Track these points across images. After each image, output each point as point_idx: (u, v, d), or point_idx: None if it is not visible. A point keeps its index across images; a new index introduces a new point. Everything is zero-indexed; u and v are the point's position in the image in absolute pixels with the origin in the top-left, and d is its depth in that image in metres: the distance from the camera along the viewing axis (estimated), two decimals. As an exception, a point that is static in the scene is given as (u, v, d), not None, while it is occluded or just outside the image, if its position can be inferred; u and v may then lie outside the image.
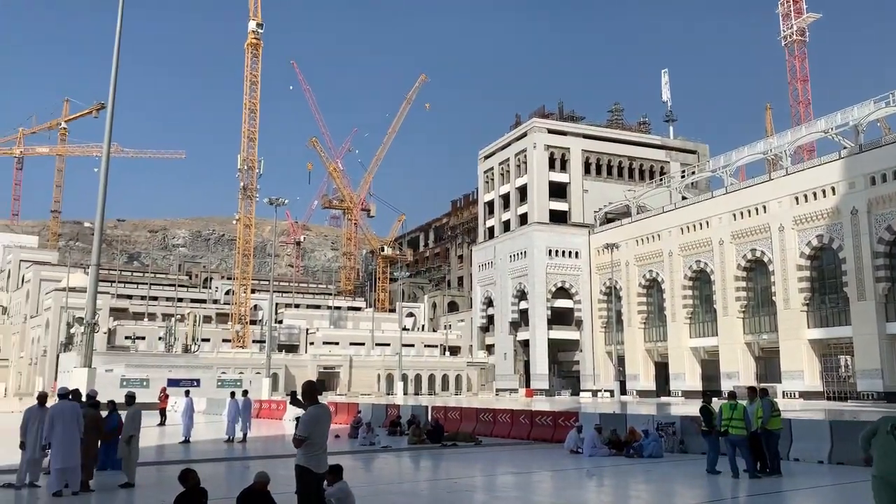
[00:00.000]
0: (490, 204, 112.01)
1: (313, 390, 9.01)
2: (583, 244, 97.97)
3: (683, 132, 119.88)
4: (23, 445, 13.71)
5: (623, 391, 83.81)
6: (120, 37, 31.42)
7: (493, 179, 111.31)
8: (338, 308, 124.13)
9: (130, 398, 15.05)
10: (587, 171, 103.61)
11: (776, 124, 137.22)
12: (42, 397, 14.14)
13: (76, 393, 14.80)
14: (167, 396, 36.52)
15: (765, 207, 73.68)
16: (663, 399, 78.44)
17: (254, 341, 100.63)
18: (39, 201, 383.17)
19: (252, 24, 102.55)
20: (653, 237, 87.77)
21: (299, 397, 8.93)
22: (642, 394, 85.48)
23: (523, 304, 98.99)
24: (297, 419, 9.05)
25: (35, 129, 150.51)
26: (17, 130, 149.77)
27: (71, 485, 12.92)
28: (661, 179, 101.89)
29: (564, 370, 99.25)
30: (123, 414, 14.95)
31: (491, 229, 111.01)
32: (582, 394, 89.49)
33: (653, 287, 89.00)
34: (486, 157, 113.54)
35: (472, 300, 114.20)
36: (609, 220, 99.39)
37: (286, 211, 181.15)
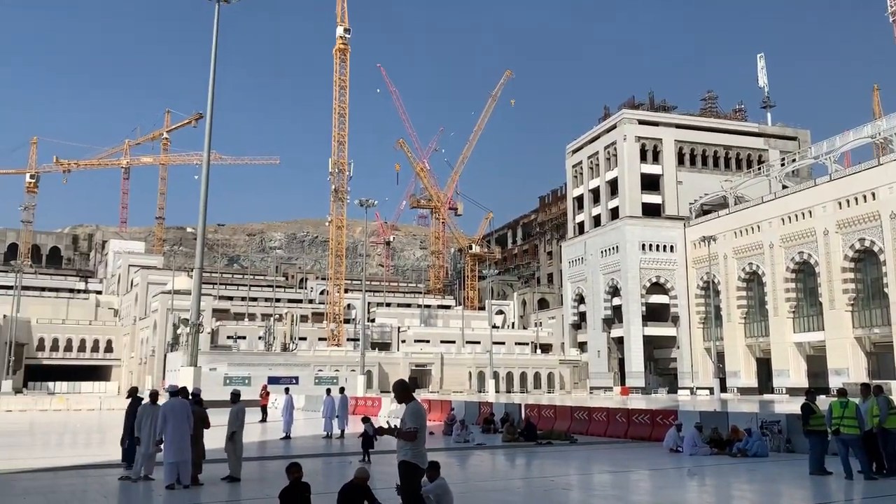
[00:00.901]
0: (579, 199, 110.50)
1: (406, 388, 8.88)
2: (678, 237, 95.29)
3: (782, 118, 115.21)
4: (138, 441, 14.50)
5: (723, 389, 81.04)
6: (216, 54, 32.74)
7: (581, 174, 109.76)
8: (428, 306, 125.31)
9: (236, 396, 15.62)
10: (681, 161, 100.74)
11: (885, 106, 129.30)
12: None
13: (185, 391, 15.50)
14: (268, 394, 37.79)
15: (874, 194, 69.58)
16: (766, 396, 75.34)
17: (348, 339, 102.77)
18: (145, 209, 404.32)
19: (340, 30, 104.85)
20: (752, 229, 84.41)
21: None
22: (743, 391, 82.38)
23: (616, 301, 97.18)
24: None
25: (140, 140, 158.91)
26: (124, 142, 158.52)
27: (182, 478, 13.55)
28: (759, 168, 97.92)
29: (661, 367, 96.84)
30: (228, 411, 15.53)
31: (581, 225, 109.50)
32: (679, 391, 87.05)
33: (753, 280, 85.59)
34: (574, 152, 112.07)
35: (563, 297, 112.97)
36: (705, 212, 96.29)
37: (376, 212, 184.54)
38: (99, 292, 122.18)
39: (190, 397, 15.23)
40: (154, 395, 14.77)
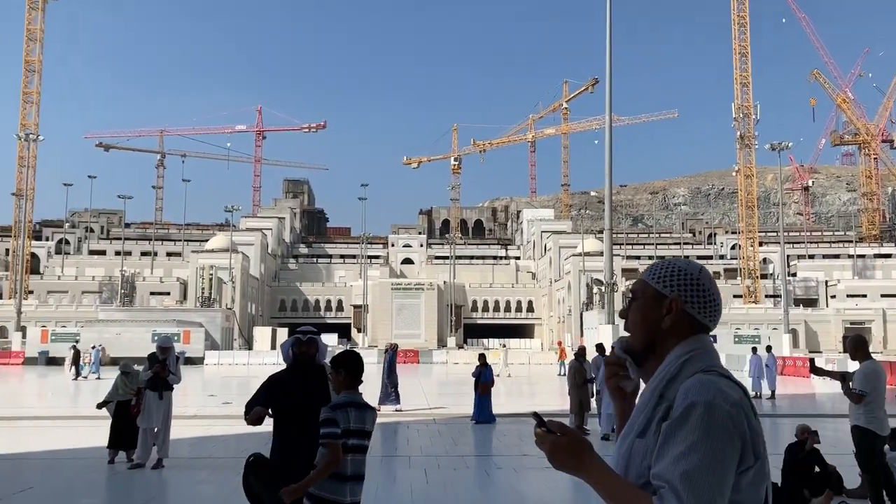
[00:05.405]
0: None
1: (858, 345, 8.56)
2: None
3: None
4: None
5: None
6: (611, 15, 32.67)
7: None
8: (861, 256, 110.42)
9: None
10: None
11: None
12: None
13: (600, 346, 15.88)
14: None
15: None
16: None
17: (766, 296, 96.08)
18: (551, 177, 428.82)
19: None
20: None
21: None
22: None
23: None
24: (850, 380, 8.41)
25: (542, 113, 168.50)
26: (528, 118, 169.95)
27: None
28: None
29: None
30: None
31: None
32: None
33: None
34: None
35: None
36: None
37: (789, 155, 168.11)
38: (517, 258, 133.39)
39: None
40: (581, 352, 15.37)
